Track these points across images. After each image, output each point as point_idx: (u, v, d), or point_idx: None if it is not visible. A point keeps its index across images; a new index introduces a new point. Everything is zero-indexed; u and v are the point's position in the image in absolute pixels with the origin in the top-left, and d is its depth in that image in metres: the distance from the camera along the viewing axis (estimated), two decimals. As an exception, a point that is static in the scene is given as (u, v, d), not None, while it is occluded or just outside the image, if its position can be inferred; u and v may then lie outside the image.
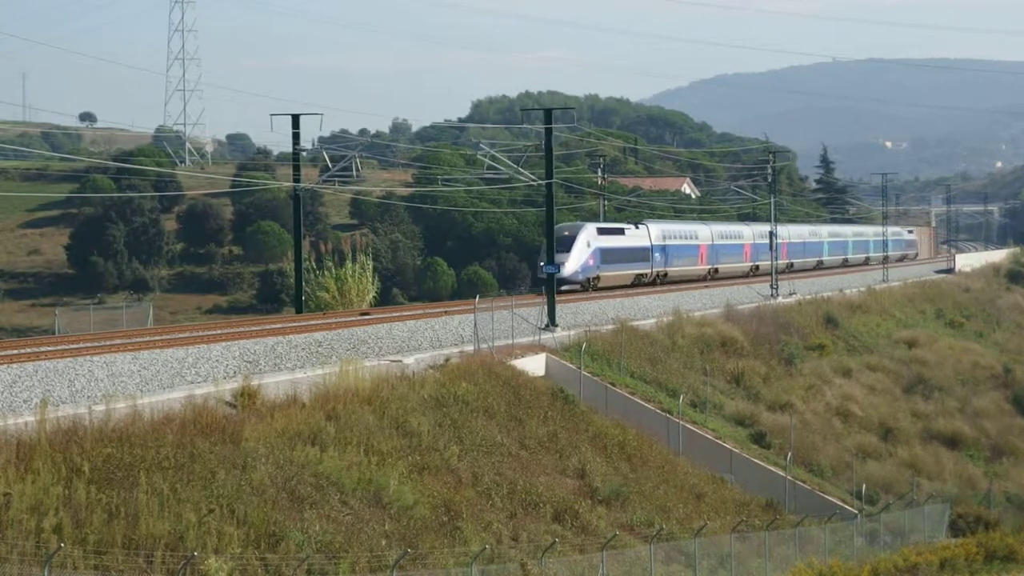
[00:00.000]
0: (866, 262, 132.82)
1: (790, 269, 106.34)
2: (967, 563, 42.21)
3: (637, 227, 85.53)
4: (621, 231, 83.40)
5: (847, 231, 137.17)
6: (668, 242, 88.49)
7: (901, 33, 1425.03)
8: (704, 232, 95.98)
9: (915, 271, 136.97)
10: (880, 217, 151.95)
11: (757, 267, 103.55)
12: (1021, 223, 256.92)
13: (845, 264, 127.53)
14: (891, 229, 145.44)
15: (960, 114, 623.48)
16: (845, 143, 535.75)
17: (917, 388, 78.74)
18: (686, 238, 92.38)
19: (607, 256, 78.69)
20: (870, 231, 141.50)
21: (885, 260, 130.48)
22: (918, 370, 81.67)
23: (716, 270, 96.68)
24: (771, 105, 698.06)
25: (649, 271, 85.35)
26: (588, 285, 75.82)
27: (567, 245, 73.89)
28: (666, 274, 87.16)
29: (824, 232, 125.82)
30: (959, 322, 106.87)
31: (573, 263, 74.14)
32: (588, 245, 76.18)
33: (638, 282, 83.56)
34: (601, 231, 79.38)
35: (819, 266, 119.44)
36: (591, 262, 76.17)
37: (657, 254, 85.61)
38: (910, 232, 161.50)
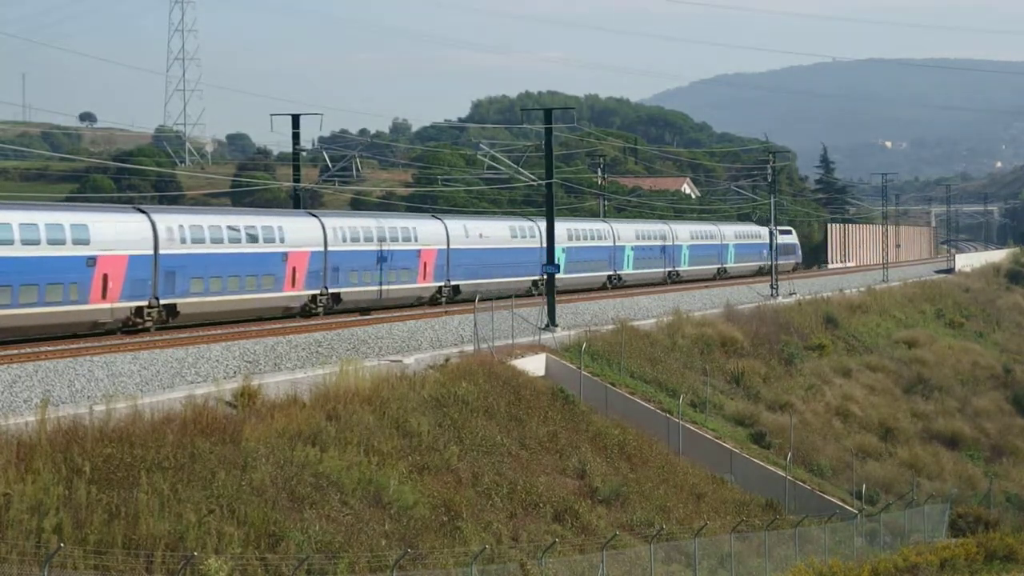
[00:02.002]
0: (718, 274, 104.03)
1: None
2: (967, 563, 42.26)
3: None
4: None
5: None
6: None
7: (901, 33, 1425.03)
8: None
9: (914, 271, 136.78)
10: (880, 217, 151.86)
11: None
12: (1021, 223, 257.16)
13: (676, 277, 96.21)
14: (744, 228, 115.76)
15: (960, 114, 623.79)
16: (845, 143, 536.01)
17: (917, 388, 78.77)
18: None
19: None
20: (730, 232, 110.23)
21: (720, 274, 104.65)
22: (918, 370, 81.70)
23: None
24: (771, 105, 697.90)
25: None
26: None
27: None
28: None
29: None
30: (959, 322, 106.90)
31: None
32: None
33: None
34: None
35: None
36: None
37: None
38: (786, 232, 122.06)
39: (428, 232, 64.19)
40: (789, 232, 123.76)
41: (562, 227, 74.64)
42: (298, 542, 28.82)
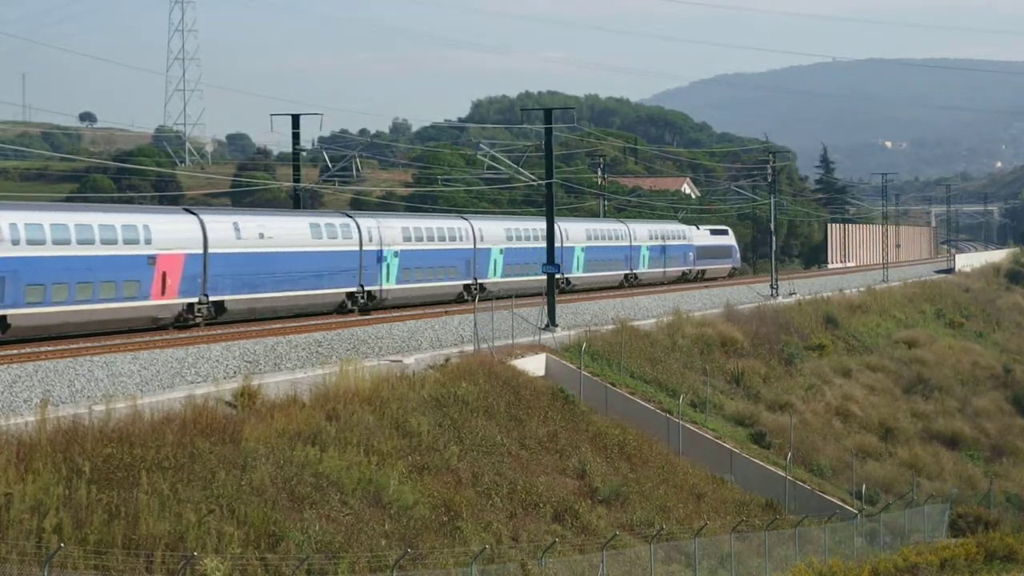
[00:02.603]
0: (626, 282, 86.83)
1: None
2: (967, 563, 42.26)
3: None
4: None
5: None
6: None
7: (901, 33, 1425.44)
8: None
9: (914, 271, 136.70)
10: (880, 217, 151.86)
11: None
12: (1021, 223, 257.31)
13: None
14: (662, 227, 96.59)
15: (960, 114, 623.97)
16: (845, 143, 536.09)
17: (917, 388, 78.77)
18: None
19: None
20: (643, 231, 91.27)
21: (629, 279, 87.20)
22: (918, 370, 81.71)
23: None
24: (771, 105, 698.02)
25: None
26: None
27: None
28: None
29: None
30: (959, 322, 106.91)
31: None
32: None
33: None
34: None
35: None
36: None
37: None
38: (721, 233, 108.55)
39: (169, 231, 48.24)
40: (725, 232, 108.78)
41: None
42: (298, 542, 28.82)
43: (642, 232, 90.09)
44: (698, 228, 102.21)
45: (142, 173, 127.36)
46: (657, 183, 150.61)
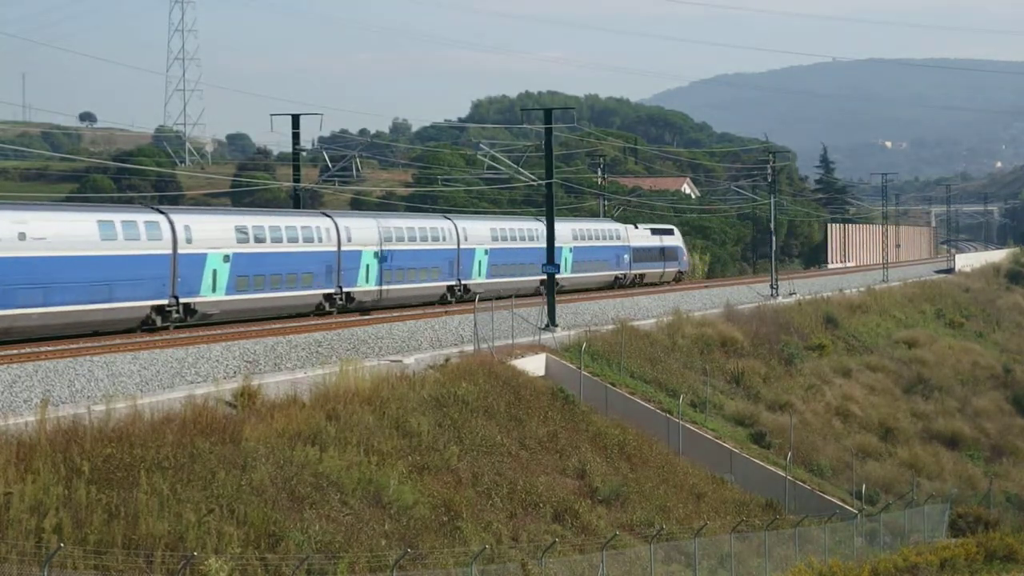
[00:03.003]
0: (541, 288, 65.73)
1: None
2: (967, 563, 42.25)
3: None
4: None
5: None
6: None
7: (901, 33, 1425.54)
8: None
9: (914, 271, 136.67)
10: (880, 217, 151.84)
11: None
12: (1021, 223, 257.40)
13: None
14: (589, 226, 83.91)
15: (960, 114, 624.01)
16: (845, 143, 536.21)
17: (917, 388, 78.76)
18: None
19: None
20: (565, 230, 76.66)
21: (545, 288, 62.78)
22: (918, 370, 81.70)
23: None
24: (771, 105, 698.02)
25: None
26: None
27: None
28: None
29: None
30: (959, 322, 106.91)
31: None
32: None
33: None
34: None
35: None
36: None
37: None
38: (665, 233, 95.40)
39: None
40: (670, 232, 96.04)
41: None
42: (298, 542, 28.82)
43: (563, 232, 75.43)
44: (636, 227, 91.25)
45: (142, 173, 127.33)
46: (657, 183, 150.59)
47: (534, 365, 51.03)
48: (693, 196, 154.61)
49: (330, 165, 75.72)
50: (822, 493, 53.20)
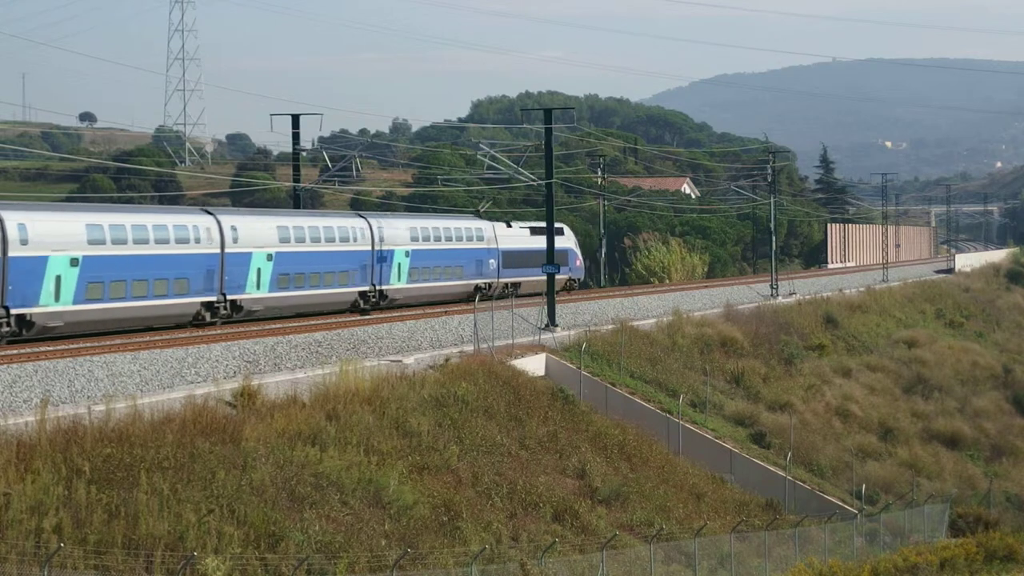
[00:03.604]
0: (365, 302, 60.65)
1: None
2: (967, 563, 42.24)
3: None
4: None
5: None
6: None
7: (901, 33, 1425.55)
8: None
9: (914, 271, 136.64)
10: (880, 217, 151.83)
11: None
12: (1021, 223, 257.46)
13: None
14: (455, 223, 71.08)
15: (960, 114, 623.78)
16: (845, 143, 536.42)
17: (917, 388, 78.75)
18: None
19: None
20: (399, 229, 64.47)
21: (369, 299, 60.62)
22: (918, 370, 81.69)
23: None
24: (771, 105, 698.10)
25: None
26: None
27: None
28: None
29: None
30: (959, 322, 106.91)
31: None
32: None
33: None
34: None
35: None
36: None
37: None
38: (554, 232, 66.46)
39: None
40: (559, 232, 75.97)
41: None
42: (298, 542, 28.83)
43: (396, 232, 63.82)
44: (509, 225, 76.41)
45: (142, 173, 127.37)
46: (657, 183, 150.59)
47: (534, 365, 51.04)
48: (693, 196, 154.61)
49: (330, 165, 75.75)
50: (822, 493, 53.20)
